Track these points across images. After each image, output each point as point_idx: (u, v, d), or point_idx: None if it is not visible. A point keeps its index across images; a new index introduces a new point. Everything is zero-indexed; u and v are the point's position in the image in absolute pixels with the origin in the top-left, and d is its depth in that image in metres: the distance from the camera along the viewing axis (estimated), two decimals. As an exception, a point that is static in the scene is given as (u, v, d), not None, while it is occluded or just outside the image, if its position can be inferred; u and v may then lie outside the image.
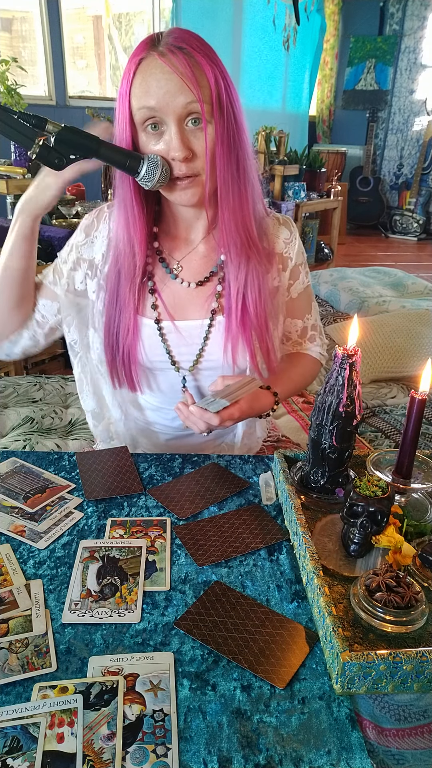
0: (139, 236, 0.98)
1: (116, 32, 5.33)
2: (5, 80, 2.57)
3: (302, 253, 1.12)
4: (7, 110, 0.91)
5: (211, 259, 1.05)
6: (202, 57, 0.86)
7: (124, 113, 0.90)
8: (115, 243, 1.01)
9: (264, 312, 1.02)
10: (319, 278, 3.55)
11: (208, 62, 0.87)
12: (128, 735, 0.58)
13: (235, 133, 0.92)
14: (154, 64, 0.86)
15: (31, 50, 4.66)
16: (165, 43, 0.86)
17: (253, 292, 1.00)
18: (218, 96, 0.88)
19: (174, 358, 1.06)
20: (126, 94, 0.89)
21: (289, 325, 1.17)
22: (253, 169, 0.96)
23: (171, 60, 0.85)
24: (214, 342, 1.04)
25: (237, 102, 0.92)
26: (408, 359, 2.35)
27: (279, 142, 4.44)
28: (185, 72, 0.85)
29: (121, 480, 0.98)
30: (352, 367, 0.83)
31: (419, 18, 6.55)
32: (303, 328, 1.19)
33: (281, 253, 1.07)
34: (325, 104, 7.16)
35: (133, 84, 0.88)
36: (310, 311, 1.18)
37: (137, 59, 0.87)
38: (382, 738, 0.60)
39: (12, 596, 0.74)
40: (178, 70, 0.85)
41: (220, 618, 0.72)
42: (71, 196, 3.65)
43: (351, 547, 0.79)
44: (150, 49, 0.87)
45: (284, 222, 1.09)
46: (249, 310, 1.01)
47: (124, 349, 1.04)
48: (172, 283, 1.05)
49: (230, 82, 0.90)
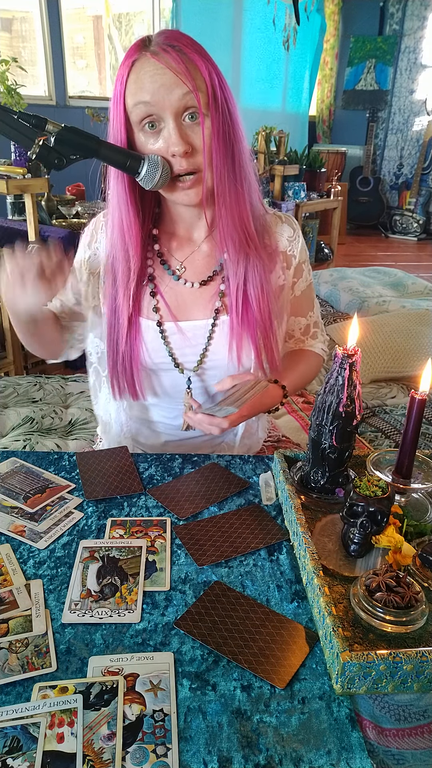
0: (134, 240, 0.97)
1: (116, 32, 5.33)
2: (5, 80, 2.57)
3: (305, 250, 1.12)
4: (7, 110, 0.91)
5: (214, 258, 1.05)
6: (194, 53, 0.87)
7: (119, 115, 0.90)
8: (110, 248, 1.01)
9: (267, 308, 1.01)
10: (319, 278, 3.55)
11: (200, 58, 0.87)
12: (128, 735, 0.58)
13: (231, 128, 0.92)
14: (147, 63, 0.86)
15: (31, 50, 4.66)
16: (156, 43, 0.87)
17: (255, 288, 1.00)
18: (213, 90, 0.88)
19: (177, 360, 1.06)
20: (120, 95, 0.89)
21: (292, 324, 1.17)
22: (249, 166, 0.96)
23: (164, 57, 0.85)
24: (218, 341, 1.04)
25: (231, 98, 0.92)
26: (408, 359, 2.35)
27: (279, 142, 4.44)
28: (179, 67, 0.85)
29: (121, 480, 0.98)
30: (352, 367, 0.83)
31: (419, 18, 6.56)
32: (306, 326, 1.19)
33: (285, 251, 1.07)
34: (325, 104, 7.16)
35: (127, 84, 0.88)
36: (312, 308, 1.19)
37: (130, 61, 0.88)
38: (382, 738, 0.60)
39: (12, 596, 0.74)
40: (172, 66, 0.85)
41: (220, 618, 0.72)
42: (71, 196, 3.65)
43: (351, 547, 0.79)
44: (142, 50, 0.87)
45: (287, 220, 1.09)
46: (252, 306, 1.01)
47: (124, 355, 1.04)
48: (174, 284, 1.05)
49: (223, 78, 0.91)
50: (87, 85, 5.26)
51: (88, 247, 1.08)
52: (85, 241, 1.09)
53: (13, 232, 3.16)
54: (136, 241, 0.98)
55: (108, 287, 1.03)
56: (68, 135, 0.88)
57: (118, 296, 1.01)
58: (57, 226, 3.07)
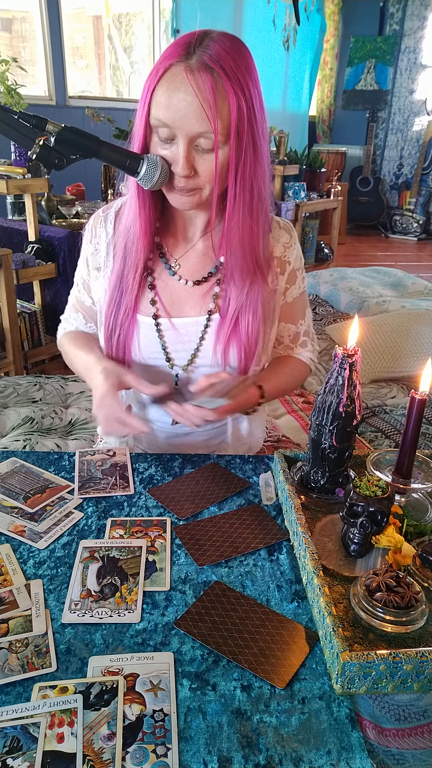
0: (141, 230, 0.98)
1: (116, 32, 5.34)
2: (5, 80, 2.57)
3: (300, 258, 1.12)
4: (7, 110, 0.91)
5: (209, 258, 1.05)
6: (230, 83, 0.84)
7: (144, 111, 0.89)
8: (123, 236, 1.02)
9: (255, 336, 1.03)
10: (319, 278, 3.55)
11: (234, 89, 0.84)
12: (128, 735, 0.58)
13: (252, 160, 0.90)
14: (179, 78, 0.83)
15: (31, 50, 4.66)
16: (199, 58, 0.83)
17: (246, 317, 1.01)
18: (238, 125, 0.86)
19: (169, 355, 1.06)
20: (149, 92, 0.87)
21: (282, 330, 1.17)
22: (267, 196, 0.96)
23: (197, 80, 0.82)
24: (209, 341, 1.05)
25: (260, 128, 0.90)
26: (408, 359, 2.35)
27: (279, 142, 4.44)
28: (207, 98, 0.82)
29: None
30: (352, 367, 0.83)
31: (419, 18, 6.56)
32: (296, 334, 1.18)
33: (280, 256, 1.08)
34: (325, 104, 7.16)
35: (157, 88, 0.86)
36: (303, 317, 1.18)
37: (168, 63, 0.84)
38: (382, 738, 0.60)
39: (12, 596, 0.74)
40: (200, 93, 0.82)
41: (220, 618, 0.72)
42: (71, 196, 3.65)
43: (351, 547, 0.79)
44: (183, 58, 0.84)
45: (284, 226, 1.09)
46: (240, 331, 1.02)
47: (119, 342, 1.05)
48: (170, 280, 1.05)
49: (257, 107, 0.88)
50: (87, 85, 5.26)
51: (90, 243, 1.09)
52: (87, 238, 1.10)
53: (13, 232, 3.16)
54: (144, 231, 0.98)
55: (114, 275, 1.04)
56: (68, 135, 0.88)
57: (123, 284, 1.02)
58: (57, 226, 3.07)
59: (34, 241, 2.89)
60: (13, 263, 2.60)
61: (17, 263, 2.70)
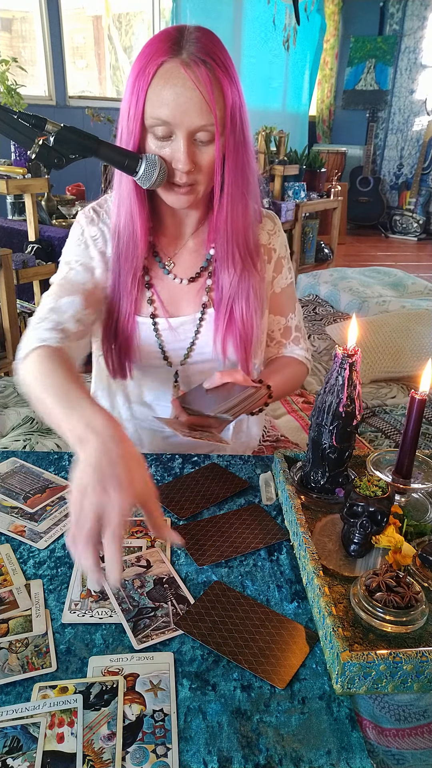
0: (140, 231, 0.98)
1: (116, 32, 5.33)
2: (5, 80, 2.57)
3: (286, 246, 1.13)
4: (7, 110, 0.91)
5: (200, 254, 1.06)
6: (223, 74, 0.85)
7: (137, 111, 0.87)
8: (118, 237, 1.00)
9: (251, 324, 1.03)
10: (319, 278, 3.55)
11: (228, 80, 0.85)
12: (128, 735, 0.58)
13: (244, 150, 0.92)
14: (176, 74, 0.83)
15: (31, 50, 4.66)
16: (189, 52, 0.83)
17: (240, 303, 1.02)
18: (232, 113, 0.87)
19: (166, 354, 1.07)
20: (143, 92, 0.85)
21: (272, 323, 1.16)
22: (256, 183, 0.98)
23: (194, 73, 0.82)
24: (205, 335, 1.05)
25: (247, 119, 0.91)
26: (408, 359, 2.35)
27: (279, 142, 4.43)
28: (206, 90, 0.83)
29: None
30: (352, 367, 0.83)
31: (419, 18, 6.56)
32: (286, 327, 1.18)
33: (266, 244, 1.08)
34: (325, 104, 7.16)
35: (151, 87, 0.84)
36: (293, 311, 1.18)
37: (159, 61, 0.83)
38: (382, 738, 0.60)
39: (12, 596, 0.74)
40: (200, 85, 0.82)
41: (220, 618, 0.72)
42: (71, 196, 3.65)
43: (351, 547, 0.79)
44: (173, 54, 0.83)
45: (267, 215, 1.11)
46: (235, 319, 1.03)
47: (120, 347, 1.04)
48: (166, 279, 1.06)
49: (243, 98, 0.90)
50: (87, 85, 5.26)
51: (79, 242, 1.04)
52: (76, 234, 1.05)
53: (13, 232, 3.16)
54: (142, 231, 0.98)
55: (113, 273, 1.02)
56: (68, 135, 0.88)
57: (122, 282, 1.01)
58: (57, 226, 3.07)
59: (34, 241, 2.89)
60: (13, 263, 2.60)
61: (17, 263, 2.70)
